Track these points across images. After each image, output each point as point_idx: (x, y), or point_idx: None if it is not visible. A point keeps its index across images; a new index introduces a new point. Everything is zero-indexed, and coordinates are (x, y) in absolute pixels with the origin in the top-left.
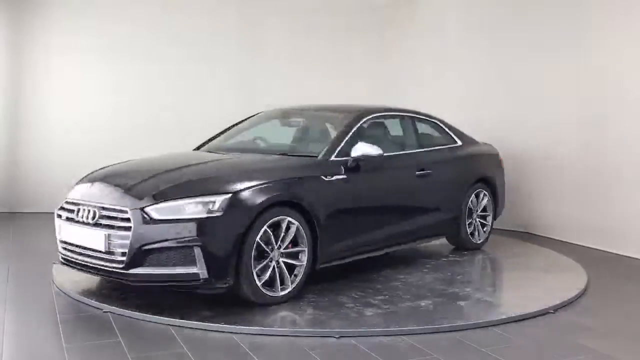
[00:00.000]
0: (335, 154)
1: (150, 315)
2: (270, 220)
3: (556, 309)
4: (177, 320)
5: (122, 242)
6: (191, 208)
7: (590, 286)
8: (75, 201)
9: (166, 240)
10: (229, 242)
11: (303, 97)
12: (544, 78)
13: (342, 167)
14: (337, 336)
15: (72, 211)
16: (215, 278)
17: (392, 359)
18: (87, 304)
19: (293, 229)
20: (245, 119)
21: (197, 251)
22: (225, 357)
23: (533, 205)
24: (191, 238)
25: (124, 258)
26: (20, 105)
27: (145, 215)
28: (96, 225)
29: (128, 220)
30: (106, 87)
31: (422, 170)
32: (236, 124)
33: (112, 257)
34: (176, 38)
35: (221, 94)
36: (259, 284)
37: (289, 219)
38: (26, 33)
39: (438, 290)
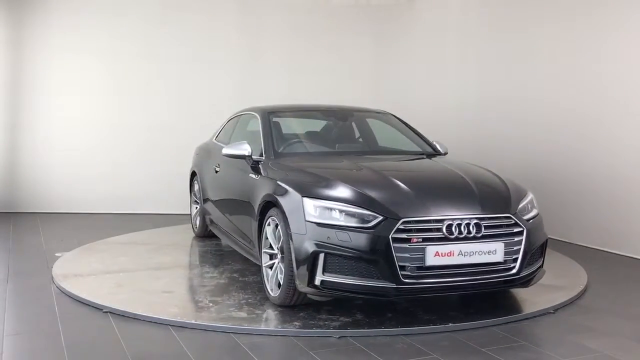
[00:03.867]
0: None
1: (150, 315)
2: None
3: (556, 309)
4: (177, 320)
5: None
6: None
7: (590, 286)
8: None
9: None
10: None
11: (302, 97)
12: (544, 79)
13: None
14: (337, 336)
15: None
16: None
17: (392, 359)
18: (87, 304)
19: None
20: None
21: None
22: (225, 357)
23: None
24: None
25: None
26: (20, 105)
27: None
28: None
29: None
30: (106, 87)
31: None
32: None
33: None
34: (176, 38)
35: (220, 94)
36: None
37: None
38: (26, 32)
39: None
